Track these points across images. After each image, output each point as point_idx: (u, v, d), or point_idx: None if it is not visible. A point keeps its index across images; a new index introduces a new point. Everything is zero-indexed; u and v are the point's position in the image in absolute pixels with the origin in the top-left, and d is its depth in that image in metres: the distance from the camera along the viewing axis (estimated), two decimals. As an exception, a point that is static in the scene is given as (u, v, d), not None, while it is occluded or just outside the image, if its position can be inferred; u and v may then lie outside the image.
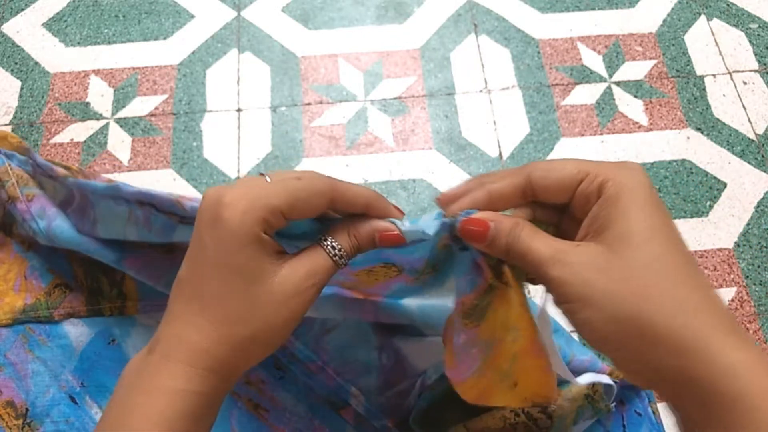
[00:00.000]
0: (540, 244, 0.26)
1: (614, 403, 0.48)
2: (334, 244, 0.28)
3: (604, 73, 0.69)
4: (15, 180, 0.50)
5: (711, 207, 0.61)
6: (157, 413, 0.25)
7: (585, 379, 0.44)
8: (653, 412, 0.50)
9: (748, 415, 0.21)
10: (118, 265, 0.44)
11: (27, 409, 0.46)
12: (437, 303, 0.45)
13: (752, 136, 0.65)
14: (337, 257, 0.28)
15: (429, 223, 0.29)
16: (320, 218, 0.30)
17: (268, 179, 0.27)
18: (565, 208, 0.29)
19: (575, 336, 0.50)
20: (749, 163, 0.63)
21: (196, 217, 0.27)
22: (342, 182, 0.28)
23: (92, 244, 0.44)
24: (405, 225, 0.29)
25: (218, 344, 0.26)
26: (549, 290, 0.26)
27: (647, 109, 0.67)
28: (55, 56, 0.69)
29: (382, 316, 0.45)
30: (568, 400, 0.43)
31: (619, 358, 0.25)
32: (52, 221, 0.46)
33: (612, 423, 0.48)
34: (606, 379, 0.45)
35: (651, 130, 0.65)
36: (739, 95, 0.67)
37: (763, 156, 0.64)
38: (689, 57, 0.70)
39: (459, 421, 0.45)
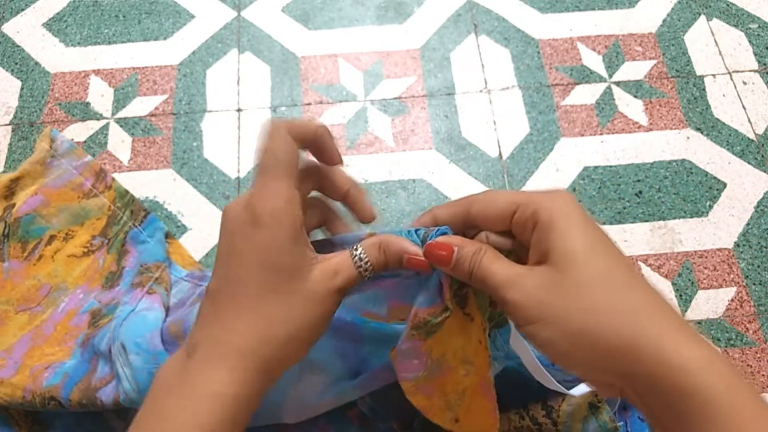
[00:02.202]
0: (498, 268, 0.28)
1: (620, 422, 0.48)
2: (362, 255, 0.29)
3: (604, 73, 0.69)
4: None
5: (711, 207, 0.61)
6: (198, 418, 0.25)
7: (579, 389, 0.44)
8: None
9: (704, 409, 0.22)
10: None
11: None
12: None
13: (752, 136, 0.65)
14: (362, 268, 0.29)
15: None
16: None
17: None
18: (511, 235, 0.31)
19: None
20: (749, 163, 0.63)
21: (222, 230, 0.28)
22: (285, 121, 0.29)
23: None
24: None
25: (260, 344, 0.27)
26: (508, 314, 0.28)
27: (647, 109, 0.67)
28: (55, 56, 0.69)
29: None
30: (572, 405, 0.43)
31: (582, 372, 0.26)
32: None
33: None
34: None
35: (651, 130, 0.65)
36: (738, 95, 0.67)
37: (762, 156, 0.64)
38: (689, 57, 0.70)
39: None
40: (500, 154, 0.64)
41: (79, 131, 0.65)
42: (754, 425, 0.22)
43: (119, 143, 0.64)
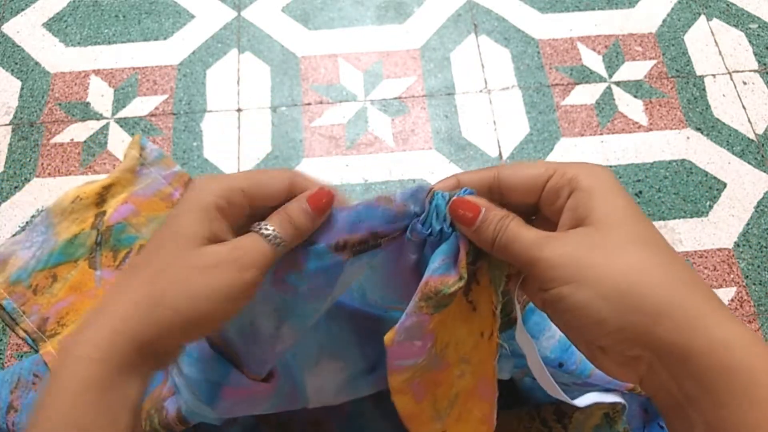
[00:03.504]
0: (528, 231, 0.27)
1: (633, 423, 0.47)
2: (267, 224, 0.28)
3: (604, 73, 0.69)
4: None
5: (711, 207, 0.61)
6: (64, 382, 0.24)
7: (586, 400, 0.43)
8: None
9: (746, 389, 0.21)
10: (214, 400, 0.37)
11: None
12: None
13: (752, 136, 0.65)
14: (270, 237, 0.27)
15: (417, 194, 0.28)
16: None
17: None
18: (531, 212, 0.29)
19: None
20: (749, 163, 0.63)
21: None
22: (307, 175, 0.29)
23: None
24: (397, 195, 0.29)
25: (127, 303, 0.26)
26: (536, 276, 0.26)
27: (647, 109, 0.67)
28: (55, 56, 0.69)
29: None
30: (585, 413, 0.43)
31: (612, 341, 0.25)
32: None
33: None
34: (611, 398, 0.44)
35: (651, 130, 0.65)
36: (738, 95, 0.67)
37: (762, 156, 0.64)
38: (689, 57, 0.70)
39: None
40: (500, 154, 0.64)
41: (79, 131, 0.65)
42: None
43: (119, 143, 0.64)
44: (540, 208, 0.29)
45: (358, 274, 0.31)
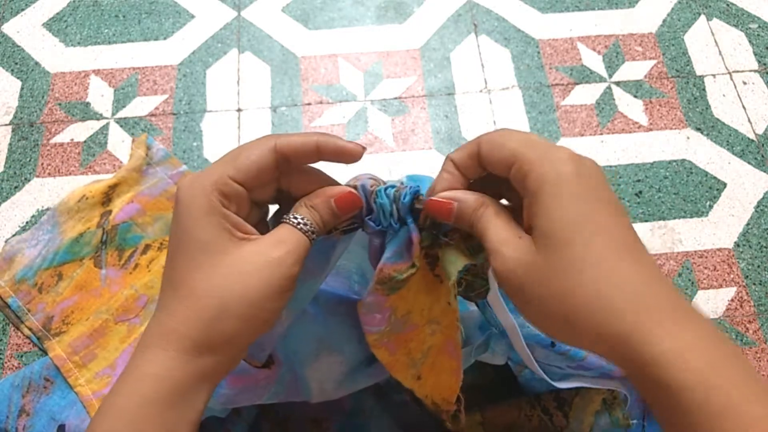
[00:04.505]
0: (494, 230, 0.26)
1: (635, 420, 0.48)
2: (296, 215, 0.28)
3: (604, 73, 0.69)
4: None
5: (711, 207, 0.61)
6: (123, 400, 0.25)
7: (571, 383, 0.43)
8: None
9: (681, 400, 0.22)
10: (218, 389, 0.39)
11: None
12: None
13: (752, 136, 0.65)
14: (302, 227, 0.28)
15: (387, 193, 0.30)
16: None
17: None
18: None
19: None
20: (749, 163, 0.63)
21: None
22: (286, 134, 0.28)
23: None
24: (359, 186, 0.30)
25: (186, 321, 0.26)
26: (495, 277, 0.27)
27: (647, 109, 0.67)
28: (55, 56, 0.69)
29: None
30: (584, 399, 0.43)
31: (581, 348, 0.26)
32: None
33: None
34: (606, 384, 0.44)
35: (651, 130, 0.65)
36: (738, 95, 0.67)
37: (762, 156, 0.64)
38: (689, 57, 0.70)
39: (475, 402, 0.45)
40: (500, 154, 0.64)
41: (79, 131, 0.65)
42: (736, 411, 0.21)
43: (119, 143, 0.64)
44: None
45: (345, 249, 0.33)
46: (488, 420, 0.45)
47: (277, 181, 0.29)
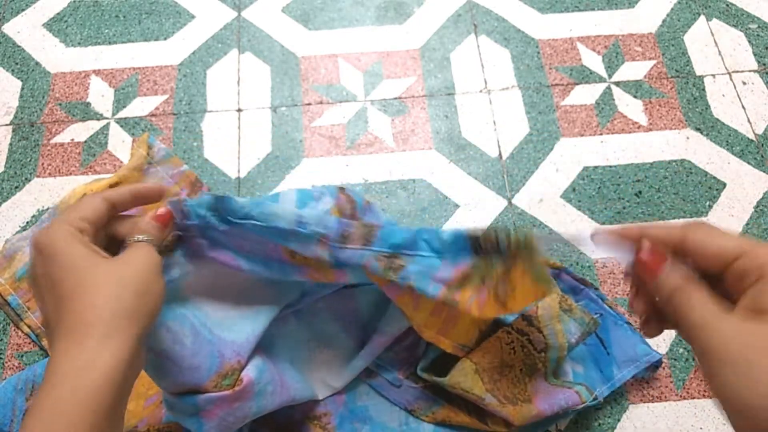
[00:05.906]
0: (703, 307, 0.27)
1: (598, 314, 0.52)
2: (136, 236, 0.35)
3: (603, 73, 0.69)
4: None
5: (710, 207, 0.61)
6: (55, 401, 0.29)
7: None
8: (610, 307, 0.54)
9: None
10: (203, 427, 0.41)
11: None
12: None
13: (751, 136, 0.65)
14: (143, 241, 0.34)
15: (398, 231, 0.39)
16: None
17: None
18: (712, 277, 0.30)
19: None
20: (749, 163, 0.63)
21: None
22: (111, 189, 0.36)
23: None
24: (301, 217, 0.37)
25: (93, 308, 0.29)
26: (699, 356, 0.27)
27: (647, 109, 0.67)
28: (55, 56, 0.69)
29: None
30: (545, 309, 0.45)
31: None
32: None
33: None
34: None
35: (650, 130, 0.65)
36: (738, 95, 0.68)
37: (762, 156, 0.64)
38: (689, 57, 0.70)
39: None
40: (500, 154, 0.64)
41: (79, 131, 0.65)
42: None
43: (120, 143, 0.64)
44: (722, 279, 0.29)
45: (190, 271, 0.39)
46: (480, 365, 0.46)
47: (105, 229, 0.35)
